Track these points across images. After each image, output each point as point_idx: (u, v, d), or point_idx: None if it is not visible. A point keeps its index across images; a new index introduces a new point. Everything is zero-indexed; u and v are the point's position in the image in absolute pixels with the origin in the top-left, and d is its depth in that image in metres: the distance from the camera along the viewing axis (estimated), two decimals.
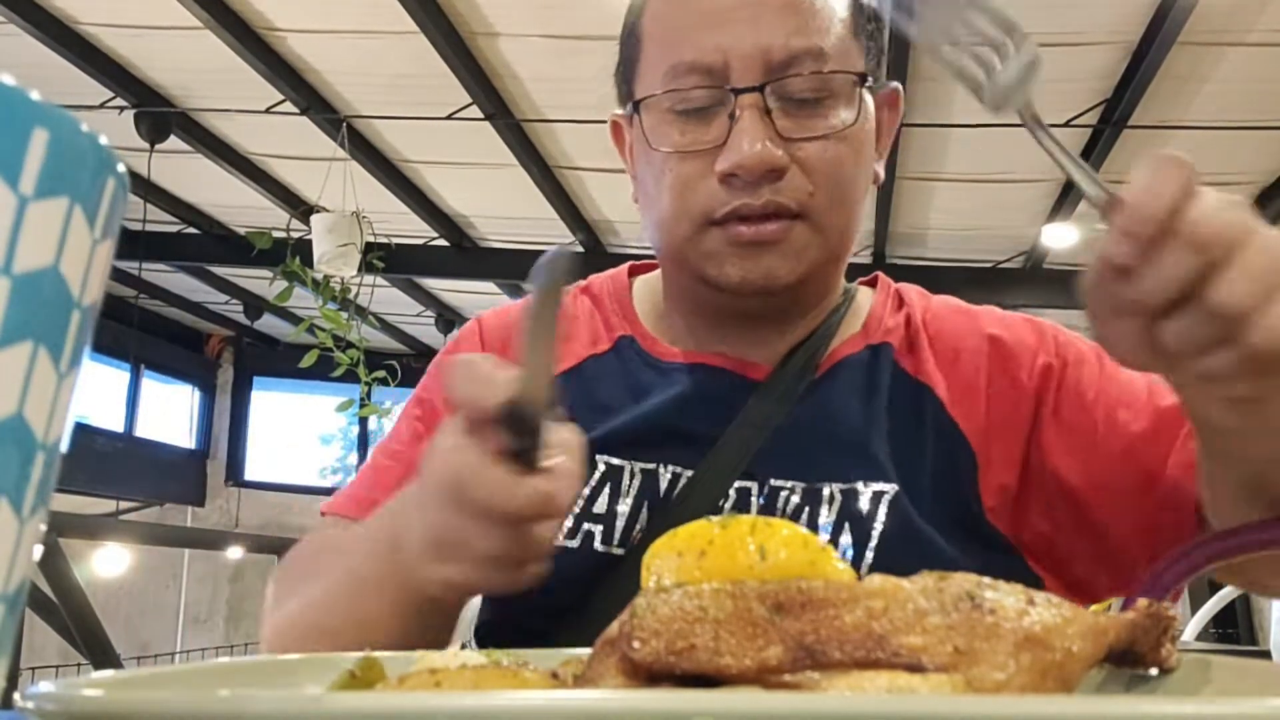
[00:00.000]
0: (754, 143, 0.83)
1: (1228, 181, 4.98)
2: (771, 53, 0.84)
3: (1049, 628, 0.38)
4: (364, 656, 0.45)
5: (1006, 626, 0.37)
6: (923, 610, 0.37)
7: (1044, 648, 0.37)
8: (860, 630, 0.36)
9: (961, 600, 0.38)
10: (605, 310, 1.01)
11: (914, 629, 0.37)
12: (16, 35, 4.06)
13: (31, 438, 0.26)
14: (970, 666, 0.36)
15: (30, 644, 3.83)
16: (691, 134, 0.87)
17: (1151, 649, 0.44)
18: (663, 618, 0.36)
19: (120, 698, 0.32)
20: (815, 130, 0.85)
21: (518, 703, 0.29)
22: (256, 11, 3.98)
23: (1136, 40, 3.90)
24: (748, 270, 0.87)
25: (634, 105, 0.90)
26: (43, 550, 0.30)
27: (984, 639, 0.37)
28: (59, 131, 0.26)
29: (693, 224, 0.87)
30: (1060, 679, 0.37)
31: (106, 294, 0.29)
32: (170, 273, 6.79)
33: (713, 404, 0.91)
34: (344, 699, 0.31)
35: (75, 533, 2.77)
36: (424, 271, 6.38)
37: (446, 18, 3.90)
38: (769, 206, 0.84)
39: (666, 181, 0.88)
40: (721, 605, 0.37)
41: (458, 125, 4.64)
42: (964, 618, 0.37)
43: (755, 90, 0.84)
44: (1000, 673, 0.36)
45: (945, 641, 0.36)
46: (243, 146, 5.16)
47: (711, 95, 0.85)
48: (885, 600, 0.37)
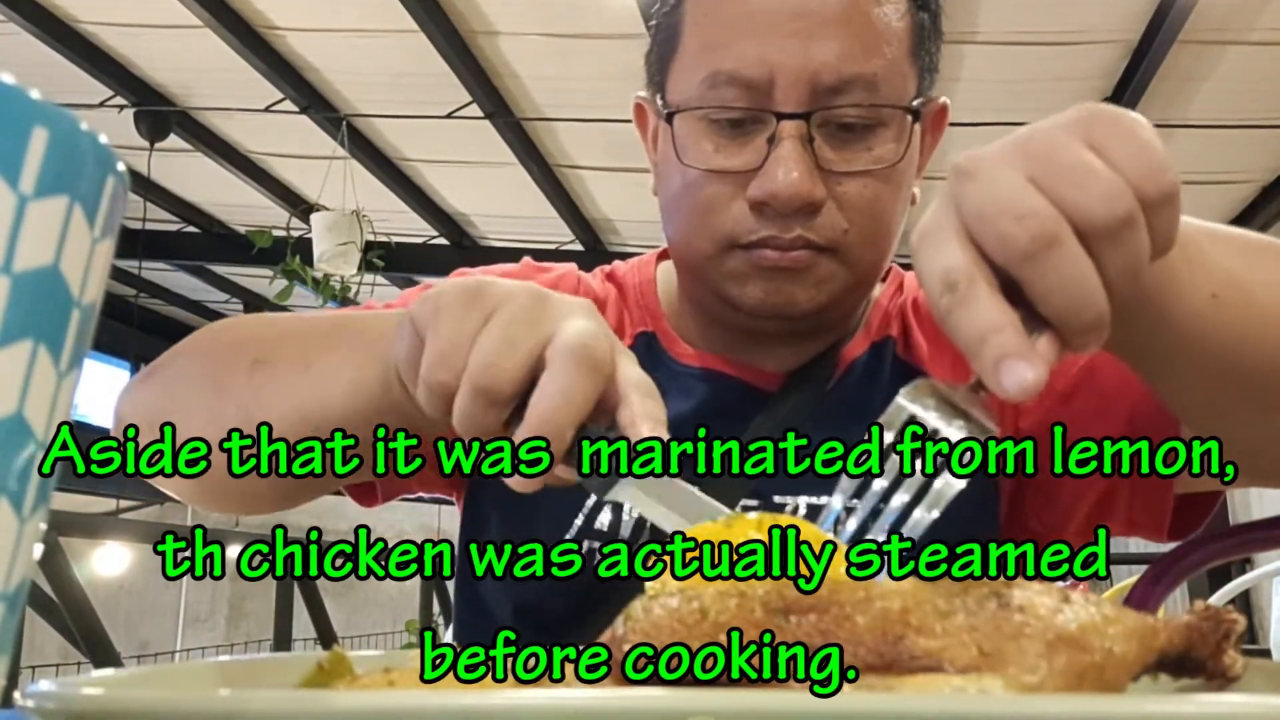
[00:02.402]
0: (790, 174, 0.77)
1: (1228, 180, 4.98)
2: (821, 76, 0.77)
3: (1085, 627, 0.35)
4: (332, 652, 0.45)
5: (1037, 626, 0.34)
6: (943, 611, 0.35)
7: (1080, 648, 0.34)
8: (874, 633, 0.34)
9: (986, 599, 0.35)
10: (630, 301, 0.97)
11: (934, 631, 0.34)
12: (16, 34, 4.06)
13: (32, 436, 0.26)
14: (997, 670, 0.33)
15: (30, 642, 3.83)
16: (725, 152, 0.81)
17: (1211, 655, 0.39)
18: (657, 620, 0.35)
19: (120, 696, 0.32)
20: (858, 164, 0.80)
21: (518, 702, 0.29)
22: (256, 10, 3.98)
23: (1137, 39, 3.90)
24: (768, 294, 0.82)
25: (665, 104, 0.85)
26: (43, 549, 0.30)
27: (1012, 639, 0.34)
28: (59, 130, 0.26)
29: (716, 245, 0.83)
30: (1100, 683, 0.34)
31: (106, 293, 0.29)
32: (170, 271, 6.79)
33: (722, 417, 0.88)
34: (345, 698, 0.31)
35: (75, 531, 2.77)
36: (424, 270, 6.37)
37: (446, 16, 3.90)
38: (798, 242, 0.80)
39: (693, 197, 0.83)
40: (724, 608, 0.35)
41: (458, 124, 4.64)
42: (989, 617, 0.35)
43: (799, 118, 0.78)
44: (1031, 675, 0.33)
45: (969, 643, 0.34)
46: (243, 145, 5.16)
47: (752, 113, 0.80)
48: (902, 601, 0.35)
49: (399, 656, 0.46)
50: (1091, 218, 0.47)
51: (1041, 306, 0.48)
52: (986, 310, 0.47)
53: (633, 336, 0.95)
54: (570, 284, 0.97)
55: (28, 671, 3.68)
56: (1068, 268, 0.47)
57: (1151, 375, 0.67)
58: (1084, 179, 0.48)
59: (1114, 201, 0.47)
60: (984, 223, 0.48)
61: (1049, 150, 0.49)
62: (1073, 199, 0.47)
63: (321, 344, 0.70)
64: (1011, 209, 0.47)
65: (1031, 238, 0.47)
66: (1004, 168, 0.49)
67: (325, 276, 4.91)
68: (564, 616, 0.82)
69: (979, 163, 0.50)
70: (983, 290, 0.47)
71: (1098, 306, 0.48)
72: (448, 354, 0.53)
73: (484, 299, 0.55)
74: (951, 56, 4.01)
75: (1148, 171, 0.49)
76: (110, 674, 0.42)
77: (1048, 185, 0.48)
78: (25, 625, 2.56)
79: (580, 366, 0.52)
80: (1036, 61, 4.01)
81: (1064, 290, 0.47)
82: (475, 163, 5.12)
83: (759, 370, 0.91)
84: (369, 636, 7.06)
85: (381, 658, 0.47)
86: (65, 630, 2.43)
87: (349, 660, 0.44)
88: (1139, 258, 0.49)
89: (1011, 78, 4.08)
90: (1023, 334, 0.47)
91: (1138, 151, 0.49)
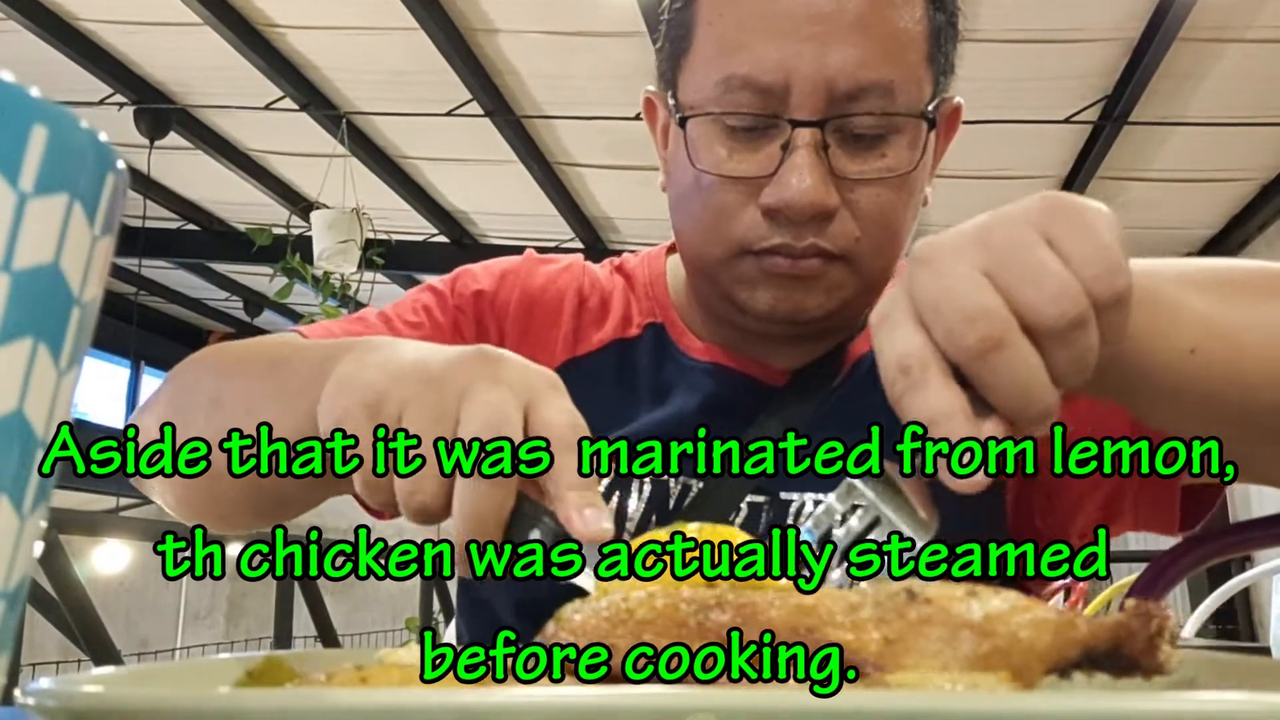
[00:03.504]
0: (804, 183, 0.77)
1: (1228, 178, 4.98)
2: (837, 83, 0.77)
3: (991, 615, 0.36)
4: (266, 656, 0.45)
5: (941, 615, 0.36)
6: (854, 604, 0.37)
7: (983, 634, 0.36)
8: (787, 624, 0.36)
9: (896, 594, 0.37)
10: (639, 292, 0.97)
11: (844, 623, 0.36)
12: (16, 32, 4.06)
13: (32, 435, 0.26)
14: (901, 655, 0.35)
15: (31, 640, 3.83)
16: (739, 157, 0.80)
17: (1144, 652, 0.39)
18: (585, 618, 0.37)
19: (120, 694, 0.32)
20: (871, 172, 0.79)
21: (518, 700, 0.29)
22: (256, 8, 3.98)
23: (1137, 37, 3.90)
24: (778, 300, 0.82)
25: (677, 105, 0.84)
26: (43, 547, 0.30)
27: (916, 628, 0.36)
28: (58, 128, 0.26)
29: (727, 250, 0.82)
30: (1009, 669, 0.35)
31: (106, 290, 0.29)
32: (170, 269, 6.79)
33: (729, 412, 0.88)
34: (346, 696, 0.31)
35: (75, 529, 2.77)
36: (424, 268, 6.37)
37: (446, 14, 3.90)
38: (810, 250, 0.79)
39: (705, 202, 0.82)
40: (649, 607, 0.37)
41: (458, 121, 4.64)
42: (896, 608, 0.36)
43: (814, 125, 0.78)
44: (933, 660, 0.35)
45: (875, 633, 0.36)
46: (242, 143, 5.16)
47: (766, 119, 0.79)
48: (816, 599, 0.37)
49: (364, 655, 0.46)
50: (1042, 317, 0.49)
51: (990, 399, 0.50)
52: (936, 397, 0.49)
53: (641, 326, 0.94)
54: (576, 274, 0.97)
55: (28, 669, 3.68)
56: (1016, 368, 0.49)
57: (1141, 415, 0.67)
58: (1038, 278, 0.49)
59: (1066, 303, 0.49)
60: (937, 315, 0.50)
61: (1007, 244, 0.50)
62: (1025, 297, 0.49)
63: (261, 388, 0.70)
64: (963, 308, 0.49)
65: (980, 338, 0.49)
66: (960, 262, 0.50)
67: (325, 274, 4.91)
68: None
69: (937, 252, 0.51)
70: (934, 377, 0.49)
71: (1044, 402, 0.50)
72: (372, 482, 0.54)
73: (384, 407, 0.53)
74: None
75: (1102, 274, 0.50)
76: (110, 672, 0.42)
77: (1002, 281, 0.49)
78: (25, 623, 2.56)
79: (480, 480, 0.51)
80: (1037, 59, 4.01)
81: (1010, 388, 0.49)
82: (475, 160, 5.12)
83: (766, 367, 0.91)
84: (369, 634, 7.06)
85: (346, 655, 0.47)
86: (65, 628, 2.43)
87: (288, 665, 0.44)
88: (1087, 356, 0.50)
89: (1011, 75, 4.08)
90: (970, 421, 0.49)
91: (1095, 252, 0.50)
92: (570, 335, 0.93)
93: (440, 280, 0.97)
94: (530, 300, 0.95)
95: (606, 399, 0.89)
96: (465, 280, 0.96)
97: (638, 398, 0.91)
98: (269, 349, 0.76)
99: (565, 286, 0.96)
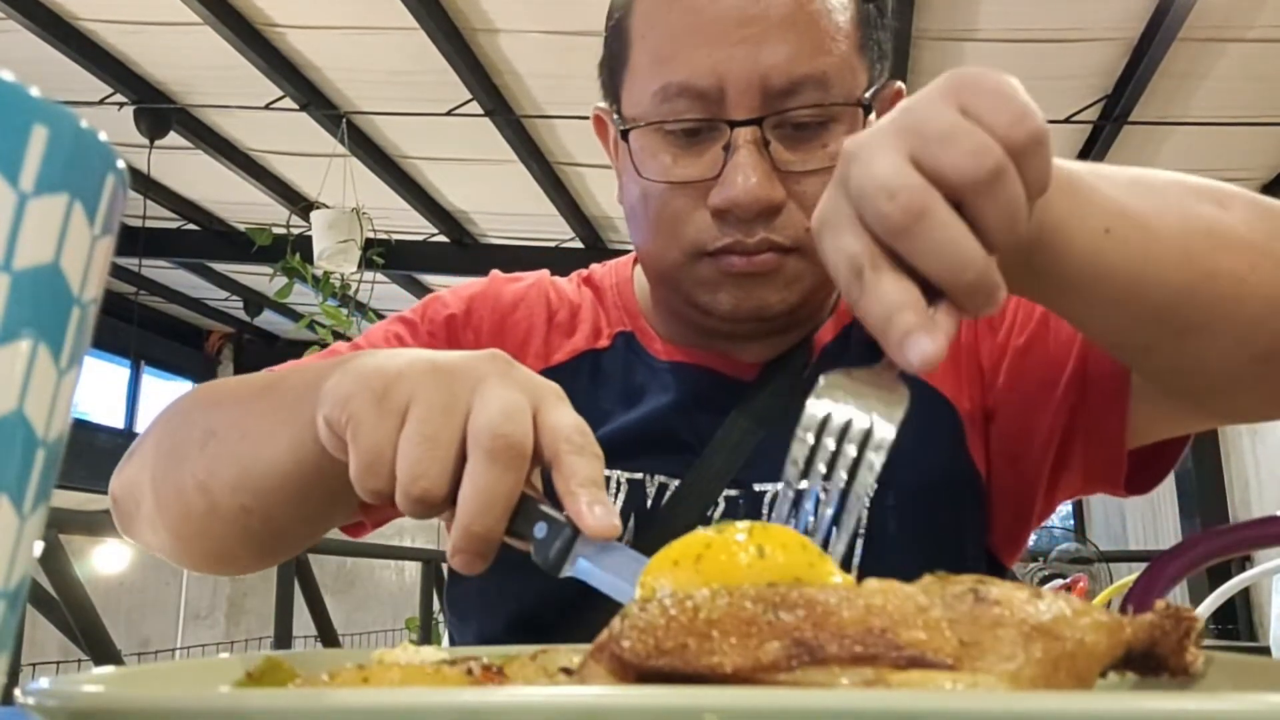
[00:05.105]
0: (749, 180, 0.78)
1: (1228, 178, 4.98)
2: (771, 79, 0.79)
3: (1058, 618, 0.37)
4: (266, 656, 0.45)
5: (1013, 617, 0.36)
6: (924, 606, 0.37)
7: (1053, 637, 0.36)
8: (859, 625, 0.36)
9: (964, 595, 0.37)
10: (607, 303, 0.99)
11: (915, 623, 0.36)
12: (16, 31, 4.06)
13: (32, 434, 0.26)
14: (977, 658, 0.35)
15: (31, 640, 3.83)
16: (683, 163, 0.82)
17: (1174, 652, 0.41)
18: (654, 616, 0.36)
19: (120, 694, 0.32)
20: (814, 162, 0.81)
21: (518, 701, 0.29)
22: (256, 7, 3.98)
23: (1136, 37, 3.90)
24: (740, 300, 0.84)
25: (620, 118, 0.86)
26: (43, 546, 0.30)
27: (989, 630, 0.36)
28: (58, 128, 0.26)
29: (684, 254, 0.84)
30: (1073, 672, 0.36)
31: (106, 290, 0.29)
32: (170, 269, 6.79)
33: (701, 410, 0.89)
34: (346, 696, 0.31)
35: (76, 529, 2.77)
36: (424, 267, 6.39)
37: (446, 14, 3.90)
38: (763, 245, 0.81)
39: (655, 210, 0.84)
40: (715, 605, 0.36)
41: (458, 121, 4.64)
42: (968, 610, 0.36)
43: (753, 123, 0.79)
44: (1009, 663, 0.35)
45: (949, 634, 0.35)
46: (242, 143, 5.16)
47: (706, 122, 0.81)
48: (885, 597, 0.37)
49: (364, 655, 0.46)
50: (962, 175, 0.50)
51: (924, 274, 0.50)
52: (889, 291, 0.50)
53: (611, 337, 0.96)
54: (542, 289, 0.99)
55: (28, 669, 3.68)
56: (938, 233, 0.49)
57: (1061, 310, 0.69)
58: (952, 139, 0.50)
59: (982, 156, 0.50)
60: (864, 202, 0.51)
61: (921, 121, 0.52)
62: (942, 161, 0.50)
63: (256, 409, 0.71)
64: (882, 186, 0.50)
65: (903, 211, 0.49)
66: (880, 148, 0.51)
67: (325, 274, 4.91)
68: (557, 625, 0.82)
69: (860, 145, 0.52)
70: (885, 273, 0.50)
71: (976, 266, 0.50)
72: (373, 464, 0.54)
73: (393, 397, 0.54)
74: (952, 54, 4.01)
75: (1012, 120, 0.51)
76: (110, 672, 0.42)
77: (920, 155, 0.50)
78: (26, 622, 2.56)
79: (495, 462, 0.52)
80: (1037, 59, 4.01)
81: (939, 255, 0.50)
82: (475, 160, 5.12)
83: (736, 362, 0.92)
84: (369, 634, 7.06)
85: (346, 655, 0.47)
86: (66, 627, 2.43)
87: (288, 666, 0.44)
88: (1015, 205, 0.51)
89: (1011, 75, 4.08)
90: (923, 310, 0.50)
91: (1000, 104, 0.52)
92: (541, 348, 0.95)
93: (411, 310, 0.99)
94: (501, 318, 0.97)
95: (580, 407, 0.90)
96: (435, 307, 0.98)
97: (611, 403, 0.92)
98: (256, 379, 0.77)
99: (534, 302, 0.98)
